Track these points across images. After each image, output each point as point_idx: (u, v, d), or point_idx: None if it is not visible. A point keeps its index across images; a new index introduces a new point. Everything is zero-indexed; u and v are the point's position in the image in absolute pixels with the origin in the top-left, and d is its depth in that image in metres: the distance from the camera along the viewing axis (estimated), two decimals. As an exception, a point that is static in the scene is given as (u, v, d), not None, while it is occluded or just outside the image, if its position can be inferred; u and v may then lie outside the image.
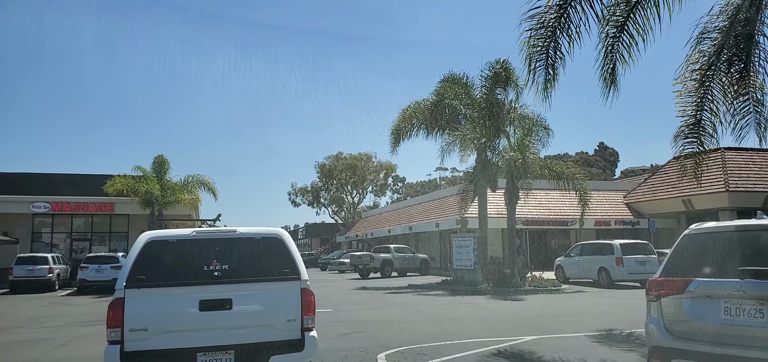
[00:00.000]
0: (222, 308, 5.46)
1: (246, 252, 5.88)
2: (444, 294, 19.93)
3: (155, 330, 5.33)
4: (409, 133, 26.21)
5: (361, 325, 12.17)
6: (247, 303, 5.57)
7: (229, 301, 5.48)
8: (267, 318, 5.62)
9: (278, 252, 5.88)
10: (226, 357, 5.44)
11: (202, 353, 5.37)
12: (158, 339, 5.33)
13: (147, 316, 5.33)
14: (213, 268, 5.64)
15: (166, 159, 28.51)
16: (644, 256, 21.20)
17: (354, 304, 16.85)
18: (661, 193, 35.74)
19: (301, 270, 5.84)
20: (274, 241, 5.94)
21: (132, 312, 5.29)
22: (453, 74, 25.21)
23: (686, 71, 12.22)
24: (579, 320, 12.74)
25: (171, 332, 5.38)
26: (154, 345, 5.31)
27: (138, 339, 5.28)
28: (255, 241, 5.92)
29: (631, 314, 13.62)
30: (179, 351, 5.34)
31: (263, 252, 5.89)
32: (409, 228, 41.18)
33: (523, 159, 21.22)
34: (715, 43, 11.59)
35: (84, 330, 12.52)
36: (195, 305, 5.41)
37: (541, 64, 10.17)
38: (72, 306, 18.91)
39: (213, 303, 5.45)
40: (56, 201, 30.38)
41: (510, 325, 11.83)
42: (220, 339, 5.43)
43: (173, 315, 5.43)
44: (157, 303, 5.43)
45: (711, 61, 11.65)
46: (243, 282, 5.67)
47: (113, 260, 24.99)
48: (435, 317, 13.65)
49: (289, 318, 5.64)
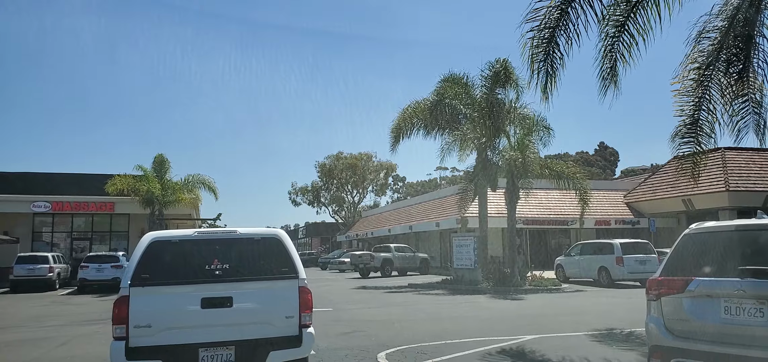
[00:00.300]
0: (223, 306, 5.62)
1: (246, 252, 6.03)
2: (444, 293, 19.96)
3: (159, 327, 5.49)
4: (409, 132, 26.21)
5: (361, 324, 12.19)
6: (247, 300, 5.73)
7: (230, 299, 5.65)
8: (266, 315, 5.78)
9: (277, 252, 6.04)
10: (226, 353, 5.61)
11: (203, 349, 5.56)
12: (162, 336, 5.49)
13: (151, 314, 5.49)
14: (214, 267, 5.79)
15: (166, 158, 28.55)
16: (644, 256, 21.21)
17: (354, 303, 16.87)
18: (661, 193, 35.74)
19: (299, 269, 6.00)
20: (273, 242, 6.11)
21: (136, 310, 5.46)
22: (453, 74, 25.21)
23: (685, 70, 12.20)
24: (579, 319, 12.75)
25: (174, 329, 5.53)
26: (158, 341, 5.47)
27: (142, 336, 5.45)
28: (255, 241, 6.09)
29: (631, 313, 13.65)
30: (182, 347, 5.51)
31: (263, 252, 6.05)
32: (410, 227, 41.20)
33: (523, 158, 21.22)
34: (713, 43, 11.57)
35: (84, 330, 12.54)
36: (197, 303, 5.57)
37: (542, 64, 10.17)
38: (72, 305, 18.93)
39: (214, 300, 5.61)
40: (56, 200, 30.38)
41: (510, 324, 11.85)
42: (221, 336, 5.61)
43: (176, 312, 5.59)
44: (160, 301, 5.60)
45: (709, 60, 11.63)
46: (243, 280, 5.82)
47: (113, 259, 25.03)
48: (435, 316, 13.67)
49: (287, 316, 5.81)
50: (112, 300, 5.67)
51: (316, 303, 16.66)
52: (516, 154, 21.24)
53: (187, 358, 5.54)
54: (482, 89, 24.50)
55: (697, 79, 11.99)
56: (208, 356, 5.57)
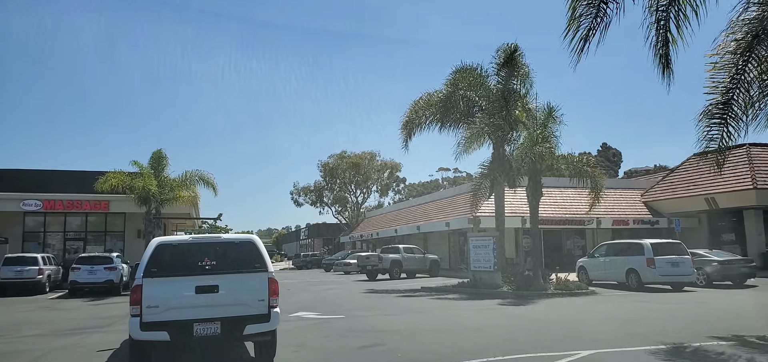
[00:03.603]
0: (211, 291, 7.35)
1: (228, 252, 7.85)
2: (463, 298, 18.37)
3: (164, 307, 7.22)
4: (421, 126, 24.71)
5: (381, 336, 10.65)
6: (230, 288, 7.48)
7: (217, 287, 7.40)
8: (244, 298, 7.51)
9: (251, 252, 7.81)
10: (214, 327, 7.33)
11: (197, 323, 7.27)
12: (167, 313, 7.21)
13: (158, 297, 7.22)
14: (205, 264, 7.56)
15: (165, 154, 26.74)
16: (678, 257, 19.60)
17: (367, 310, 15.32)
18: (682, 191, 34.17)
19: (268, 265, 7.74)
20: (249, 245, 7.95)
21: (148, 294, 7.20)
22: (465, 65, 23.78)
23: (725, 41, 10.90)
24: (628, 329, 11.21)
25: (175, 308, 7.26)
26: (164, 318, 7.19)
27: (152, 313, 7.17)
28: (235, 244, 8.10)
29: (680, 322, 12.14)
30: (181, 322, 7.23)
31: (241, 252, 7.85)
32: (417, 228, 39.58)
33: (548, 149, 19.66)
34: (761, 13, 10.30)
35: (63, 341, 11.00)
36: (192, 289, 7.32)
37: (587, 9, 9.00)
38: (59, 310, 17.40)
39: (205, 288, 7.34)
40: (48, 198, 28.82)
41: (554, 336, 10.29)
42: (210, 314, 7.33)
43: (177, 296, 7.31)
44: (165, 288, 7.31)
45: (755, 31, 10.31)
46: (227, 273, 7.55)
47: (107, 261, 23.45)
48: (463, 325, 12.09)
49: (259, 299, 7.54)
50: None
51: (326, 309, 15.03)
52: (540, 148, 19.62)
53: (185, 330, 7.23)
54: (497, 78, 23.08)
55: (737, 51, 10.68)
56: (201, 328, 7.28)
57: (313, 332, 11.32)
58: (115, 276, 23.01)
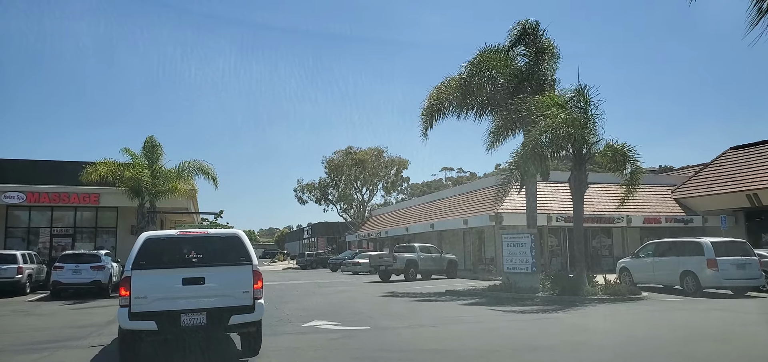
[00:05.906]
0: (198, 283, 7.73)
1: (214, 246, 8.26)
2: (500, 304, 15.85)
3: (152, 298, 7.55)
4: (443, 112, 22.30)
5: (425, 356, 8.22)
6: (215, 280, 7.84)
7: (203, 278, 7.77)
8: (229, 290, 7.87)
9: (237, 246, 8.21)
10: (200, 317, 7.64)
11: (184, 314, 7.59)
12: (154, 304, 7.54)
13: (146, 288, 7.56)
14: (192, 257, 8.04)
15: (158, 142, 24.16)
16: (743, 258, 17.15)
17: (394, 319, 12.84)
18: (718, 188, 31.69)
19: (253, 258, 8.16)
20: (235, 239, 8.35)
21: (136, 286, 7.53)
22: (489, 47, 21.50)
23: None
24: (723, 347, 8.80)
25: (163, 299, 7.60)
26: (152, 308, 7.52)
27: (140, 304, 7.49)
28: (221, 239, 8.51)
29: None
30: (169, 312, 7.55)
31: (227, 246, 8.26)
32: (431, 225, 37.09)
33: (592, 132, 17.25)
34: None
35: (23, 359, 8.58)
36: (179, 281, 7.70)
37: None
38: (33, 315, 15.01)
39: (192, 279, 7.74)
40: (32, 190, 26.36)
41: (642, 359, 7.85)
42: (196, 305, 7.66)
43: (164, 287, 7.65)
44: (153, 279, 7.67)
45: None
46: (212, 265, 7.94)
47: (94, 259, 21.03)
48: (525, 344, 9.57)
49: (244, 291, 7.90)
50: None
51: (346, 318, 12.41)
52: (585, 132, 17.15)
53: (173, 320, 7.53)
54: (529, 57, 20.81)
55: None
56: (188, 319, 7.59)
57: (337, 351, 8.87)
58: (102, 276, 20.58)
